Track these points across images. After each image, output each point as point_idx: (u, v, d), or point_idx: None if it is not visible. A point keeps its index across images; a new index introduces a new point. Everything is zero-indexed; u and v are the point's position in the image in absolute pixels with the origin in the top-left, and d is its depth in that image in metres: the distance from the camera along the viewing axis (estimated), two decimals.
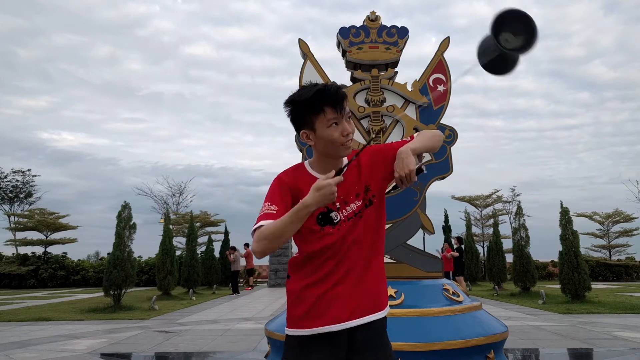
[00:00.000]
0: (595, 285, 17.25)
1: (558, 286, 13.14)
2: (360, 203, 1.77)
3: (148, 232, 58.98)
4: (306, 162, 1.88)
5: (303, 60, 4.38)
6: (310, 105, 1.70)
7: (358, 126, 4.27)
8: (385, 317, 1.79)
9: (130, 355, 5.98)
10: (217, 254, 21.91)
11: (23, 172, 33.80)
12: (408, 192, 4.13)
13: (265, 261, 24.47)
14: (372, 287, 1.76)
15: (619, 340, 6.45)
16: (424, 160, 1.84)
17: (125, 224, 12.13)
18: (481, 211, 29.62)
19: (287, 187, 1.77)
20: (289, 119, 1.81)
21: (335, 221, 1.75)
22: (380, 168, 1.81)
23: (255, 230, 1.66)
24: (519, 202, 18.83)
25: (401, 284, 3.67)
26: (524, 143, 72.61)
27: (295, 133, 4.26)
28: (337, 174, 1.60)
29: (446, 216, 24.42)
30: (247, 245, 20.32)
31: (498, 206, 29.73)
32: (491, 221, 23.47)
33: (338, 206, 1.75)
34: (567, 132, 72.10)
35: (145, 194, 33.91)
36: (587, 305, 11.13)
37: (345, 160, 1.82)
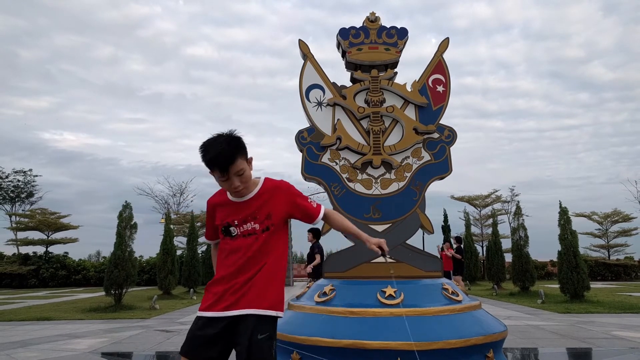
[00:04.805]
0: (594, 285, 17.27)
1: (557, 286, 13.16)
2: (257, 226, 2.22)
3: (149, 232, 58.95)
4: None
5: (303, 61, 4.41)
6: (206, 165, 2.19)
7: (358, 126, 4.30)
8: (264, 316, 2.13)
9: (131, 354, 6.00)
10: None
11: (24, 172, 33.77)
12: (408, 192, 4.16)
13: None
14: (260, 292, 2.15)
15: (618, 340, 6.47)
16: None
17: (126, 224, 12.16)
18: (480, 211, 29.66)
19: (210, 211, 2.37)
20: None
21: (233, 234, 2.24)
22: (283, 207, 2.29)
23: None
24: (518, 202, 18.81)
25: (401, 283, 3.70)
26: (524, 143, 72.68)
27: (295, 134, 4.31)
28: None
29: (445, 216, 24.43)
30: None
31: (497, 206, 29.79)
32: (490, 221, 23.50)
33: (236, 223, 2.23)
34: (567, 133, 72.17)
35: (146, 194, 33.98)
36: (586, 305, 11.15)
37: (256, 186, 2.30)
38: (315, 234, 8.70)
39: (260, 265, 2.18)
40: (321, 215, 2.38)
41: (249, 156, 2.26)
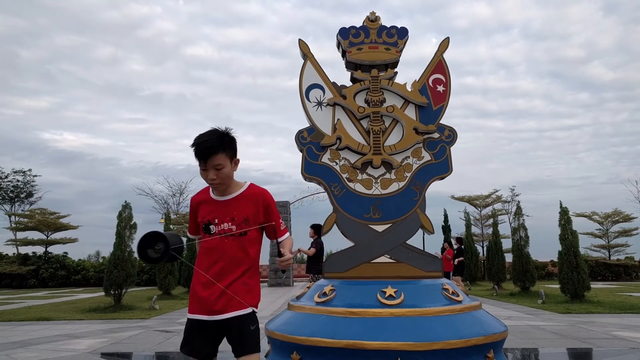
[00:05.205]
0: (595, 285, 17.27)
1: (557, 286, 13.15)
2: (234, 227, 2.32)
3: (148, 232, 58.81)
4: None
5: (303, 61, 4.39)
6: (194, 153, 2.31)
7: (358, 126, 4.29)
8: (249, 313, 2.30)
9: (131, 354, 5.99)
10: None
11: (24, 172, 33.79)
12: (408, 192, 4.15)
13: (265, 261, 24.53)
14: (244, 296, 2.29)
15: (618, 340, 6.47)
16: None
17: (125, 224, 12.15)
18: (480, 211, 29.65)
19: (192, 209, 2.48)
20: None
21: (212, 232, 2.34)
22: (260, 215, 2.39)
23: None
24: (519, 202, 18.79)
25: (401, 283, 3.69)
26: (524, 143, 72.77)
27: (295, 133, 4.30)
28: None
29: (446, 216, 24.45)
30: None
31: (497, 206, 29.79)
32: (490, 221, 23.49)
33: (216, 221, 2.34)
34: (567, 133, 72.26)
35: (146, 194, 34.00)
36: (587, 305, 11.15)
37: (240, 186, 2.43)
38: (316, 230, 8.78)
39: (241, 270, 2.30)
40: (281, 239, 2.48)
41: (236, 157, 2.37)
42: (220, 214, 2.34)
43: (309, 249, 8.69)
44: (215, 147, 2.25)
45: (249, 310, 2.30)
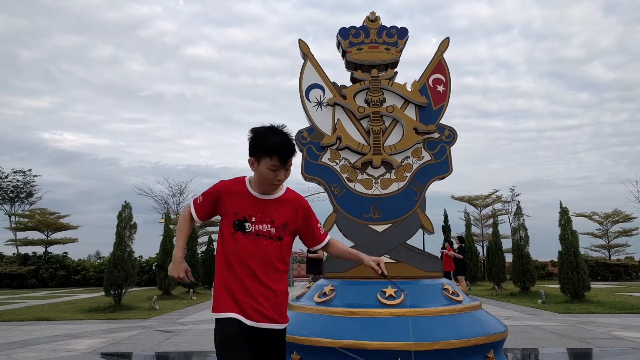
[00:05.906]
0: (595, 285, 17.27)
1: (557, 286, 13.16)
2: (273, 230, 2.18)
3: (148, 232, 59.02)
4: (247, 178, 2.26)
5: (303, 61, 4.39)
6: (266, 148, 2.10)
7: (358, 126, 4.29)
8: (284, 329, 2.25)
9: (131, 354, 5.99)
10: None
11: (24, 172, 33.78)
12: (408, 192, 4.15)
13: None
14: (281, 306, 2.23)
15: (618, 340, 6.46)
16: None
17: (125, 224, 12.15)
18: (480, 211, 29.66)
19: (216, 193, 2.24)
20: (248, 140, 2.20)
21: (247, 230, 2.16)
22: (299, 222, 2.27)
23: (190, 206, 2.34)
24: (519, 202, 18.80)
25: (401, 283, 3.68)
26: (524, 143, 72.66)
27: (295, 133, 4.30)
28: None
29: (446, 216, 24.43)
30: None
31: (497, 206, 29.78)
32: (491, 221, 23.49)
33: (253, 220, 2.16)
34: (567, 133, 72.11)
35: (146, 194, 33.92)
36: (587, 305, 11.15)
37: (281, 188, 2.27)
38: None
39: (277, 276, 2.20)
40: (324, 243, 2.40)
41: None
42: (258, 213, 2.17)
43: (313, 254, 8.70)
44: (295, 148, 2.17)
45: (285, 325, 2.26)
